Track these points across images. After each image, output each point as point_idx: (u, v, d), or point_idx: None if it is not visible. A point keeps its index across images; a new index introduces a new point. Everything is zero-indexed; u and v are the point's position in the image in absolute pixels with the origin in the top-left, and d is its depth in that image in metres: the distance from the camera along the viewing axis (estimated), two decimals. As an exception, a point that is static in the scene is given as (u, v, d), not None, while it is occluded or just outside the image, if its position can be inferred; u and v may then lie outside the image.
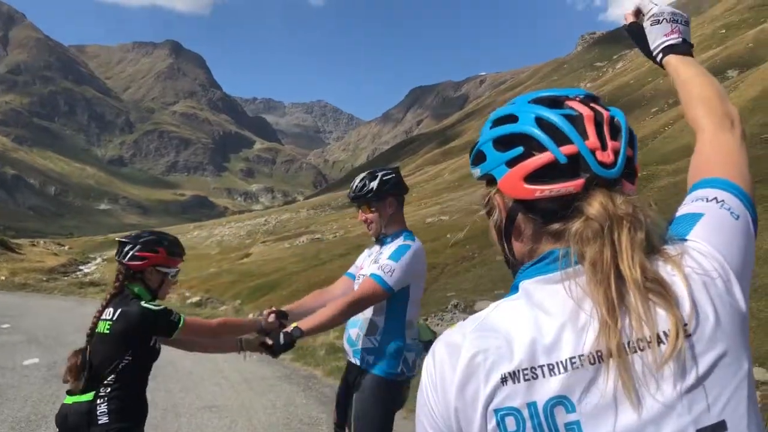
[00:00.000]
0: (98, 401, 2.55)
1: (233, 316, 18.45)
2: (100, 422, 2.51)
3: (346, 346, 2.92)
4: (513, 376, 0.84)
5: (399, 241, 2.84)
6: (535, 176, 0.93)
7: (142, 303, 2.63)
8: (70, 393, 2.64)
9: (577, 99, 0.99)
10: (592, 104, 0.99)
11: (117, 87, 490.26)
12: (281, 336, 2.51)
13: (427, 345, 2.83)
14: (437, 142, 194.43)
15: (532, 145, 0.95)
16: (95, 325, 2.67)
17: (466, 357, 0.87)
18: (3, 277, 38.15)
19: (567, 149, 0.92)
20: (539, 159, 0.93)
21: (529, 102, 1.01)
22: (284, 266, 39.97)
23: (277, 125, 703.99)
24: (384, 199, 2.87)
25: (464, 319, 0.93)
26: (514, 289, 0.96)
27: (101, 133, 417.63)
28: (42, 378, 7.64)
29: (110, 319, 2.62)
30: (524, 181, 0.94)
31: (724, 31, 61.31)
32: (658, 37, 1.36)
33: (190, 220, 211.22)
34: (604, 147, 0.92)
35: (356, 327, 2.84)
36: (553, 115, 0.96)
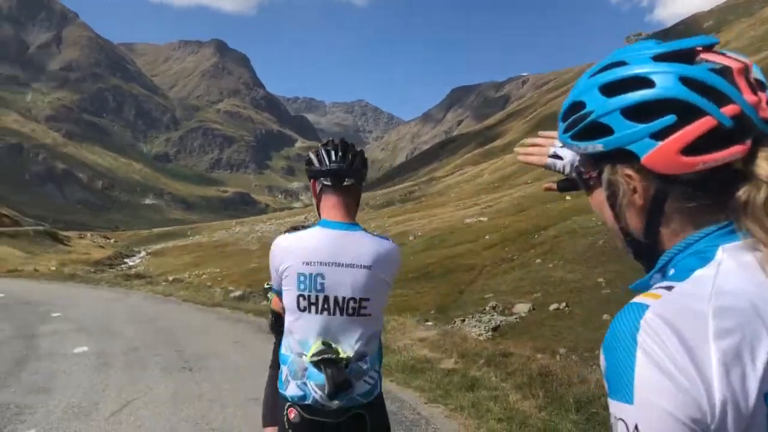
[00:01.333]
0: None
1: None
2: None
3: None
4: None
5: None
6: (695, 146, 0.83)
7: None
8: None
9: (705, 48, 0.89)
10: (721, 53, 0.89)
11: (163, 84, 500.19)
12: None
13: (316, 364, 2.21)
14: (477, 142, 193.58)
15: (686, 111, 0.84)
16: None
17: (722, 330, 0.75)
18: (53, 268, 39.51)
19: (729, 110, 0.83)
20: (699, 126, 0.83)
21: (653, 59, 0.89)
22: (323, 264, 40.41)
23: (318, 124, 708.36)
24: (311, 180, 2.44)
25: (665, 287, 0.82)
26: (698, 257, 0.85)
27: (147, 130, 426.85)
28: (92, 366, 7.85)
29: None
30: (682, 153, 0.83)
31: (777, 32, 59.54)
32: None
33: (232, 217, 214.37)
34: (760, 101, 0.84)
35: None
36: (700, 73, 0.85)
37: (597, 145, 0.92)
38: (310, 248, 2.24)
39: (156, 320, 12.58)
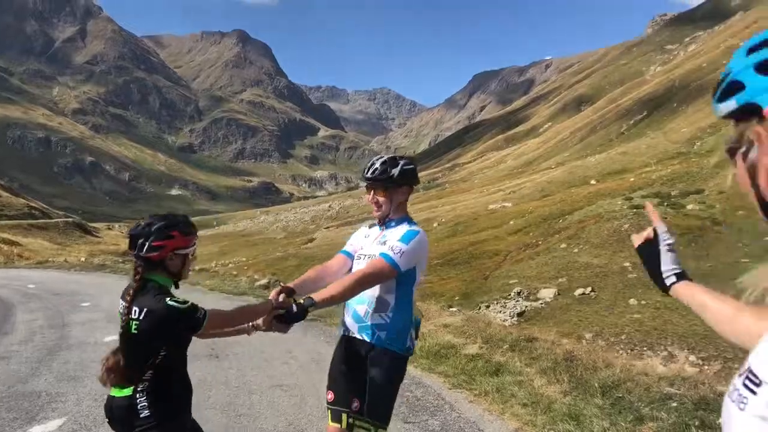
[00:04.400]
0: (137, 396, 2.55)
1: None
2: (141, 416, 2.54)
3: (350, 322, 2.98)
4: None
5: (405, 226, 2.97)
6: None
7: (168, 301, 2.52)
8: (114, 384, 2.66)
9: None
10: None
11: (187, 76, 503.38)
12: (293, 306, 2.57)
13: (416, 324, 3.04)
14: (501, 127, 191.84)
15: None
16: (126, 324, 2.59)
17: None
18: (82, 258, 40.20)
19: None
20: None
21: None
22: (348, 252, 40.58)
23: (341, 112, 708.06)
24: (400, 186, 2.98)
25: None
26: None
27: (172, 121, 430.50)
28: (123, 354, 8.03)
29: (137, 319, 2.53)
30: None
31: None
32: (672, 262, 1.52)
33: (257, 206, 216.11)
34: None
35: (364, 304, 2.91)
36: None
37: (731, 103, 0.91)
38: None
39: (183, 309, 12.73)
